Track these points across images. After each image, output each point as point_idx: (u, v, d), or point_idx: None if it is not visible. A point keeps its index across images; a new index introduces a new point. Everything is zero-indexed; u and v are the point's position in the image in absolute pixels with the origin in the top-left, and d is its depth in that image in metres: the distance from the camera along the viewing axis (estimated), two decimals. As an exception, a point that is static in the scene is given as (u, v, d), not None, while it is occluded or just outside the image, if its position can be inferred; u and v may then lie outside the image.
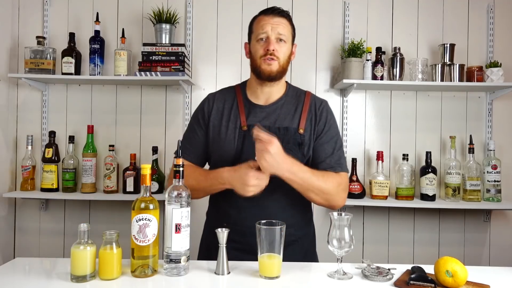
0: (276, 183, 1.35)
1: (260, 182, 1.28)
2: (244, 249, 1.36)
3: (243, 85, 1.56)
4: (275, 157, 1.25)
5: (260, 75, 1.43)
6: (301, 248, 1.47)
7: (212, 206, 1.57)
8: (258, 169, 1.28)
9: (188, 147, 1.50)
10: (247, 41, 1.53)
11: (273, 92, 1.49)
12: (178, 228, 1.16)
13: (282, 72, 1.44)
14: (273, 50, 1.40)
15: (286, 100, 1.50)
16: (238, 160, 1.39)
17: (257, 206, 1.39)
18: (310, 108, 1.49)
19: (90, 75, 2.36)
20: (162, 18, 2.35)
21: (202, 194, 1.46)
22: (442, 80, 2.35)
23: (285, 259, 1.21)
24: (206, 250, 1.53)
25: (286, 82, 1.56)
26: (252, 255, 1.27)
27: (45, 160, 2.35)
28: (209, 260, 1.32)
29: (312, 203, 1.48)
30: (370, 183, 2.36)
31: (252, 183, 1.26)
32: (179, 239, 1.16)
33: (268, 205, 1.40)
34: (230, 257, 1.22)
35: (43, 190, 2.34)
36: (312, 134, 1.46)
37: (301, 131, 1.44)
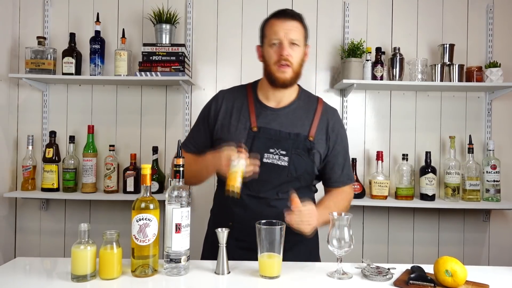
0: (281, 183, 1.36)
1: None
2: (249, 248, 1.34)
3: (254, 85, 1.55)
4: (315, 222, 1.32)
5: (274, 83, 1.43)
6: (306, 248, 1.48)
7: (216, 204, 1.57)
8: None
9: (191, 141, 1.54)
10: (259, 43, 1.52)
11: (285, 96, 1.49)
12: (178, 228, 1.16)
13: (296, 77, 1.44)
14: (287, 55, 1.38)
15: (298, 104, 1.50)
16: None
17: (262, 205, 1.40)
18: (322, 117, 1.49)
19: (90, 75, 2.36)
20: (162, 18, 2.35)
21: (194, 180, 1.47)
22: (441, 80, 2.36)
23: (290, 259, 1.21)
24: (211, 247, 1.52)
25: (298, 85, 1.56)
26: (255, 253, 1.27)
27: (46, 160, 2.35)
28: (210, 260, 1.33)
29: (316, 203, 1.49)
30: (370, 183, 2.36)
31: (224, 162, 1.29)
32: (179, 239, 1.16)
33: (275, 205, 1.40)
34: (235, 256, 1.23)
35: (44, 190, 2.34)
36: (325, 145, 1.47)
37: (311, 138, 1.44)
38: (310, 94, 1.58)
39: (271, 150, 1.40)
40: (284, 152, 1.39)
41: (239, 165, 1.25)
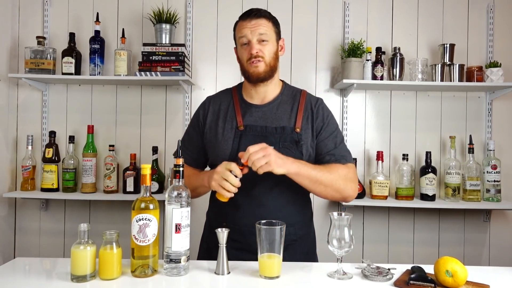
0: (275, 181, 1.35)
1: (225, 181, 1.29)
2: (243, 248, 1.36)
3: (239, 87, 1.58)
4: (276, 155, 1.27)
5: (250, 78, 1.46)
6: (302, 248, 1.47)
7: (211, 206, 1.57)
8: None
9: (185, 150, 1.52)
10: (235, 46, 1.56)
11: (267, 92, 1.50)
12: (178, 228, 1.16)
13: (270, 71, 1.44)
14: (257, 52, 1.41)
15: (282, 99, 1.51)
16: (234, 160, 1.40)
17: (255, 204, 1.40)
18: (306, 107, 1.49)
19: (90, 75, 2.36)
20: (162, 18, 2.35)
21: (193, 194, 1.46)
22: (442, 80, 2.36)
23: (285, 259, 1.21)
24: (206, 249, 1.53)
25: (283, 81, 1.57)
26: (251, 254, 1.27)
27: (45, 160, 2.35)
28: (209, 260, 1.33)
29: (312, 202, 1.48)
30: (370, 183, 2.36)
31: (215, 177, 1.30)
32: (179, 239, 1.16)
33: (267, 204, 1.40)
34: (229, 257, 1.22)
35: (43, 190, 2.34)
36: (311, 132, 1.46)
37: (298, 130, 1.44)
38: (295, 88, 1.58)
39: None
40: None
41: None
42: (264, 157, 1.24)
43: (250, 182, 1.37)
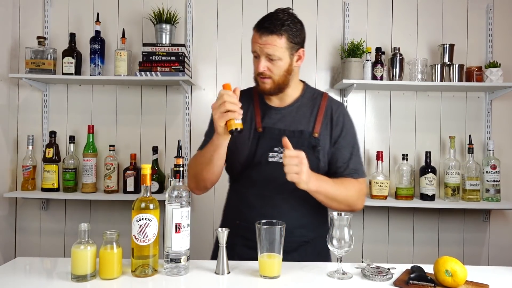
0: (287, 182, 1.35)
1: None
2: (254, 247, 1.33)
3: None
4: (307, 171, 1.25)
5: (259, 91, 1.44)
6: (314, 250, 1.45)
7: (227, 204, 1.58)
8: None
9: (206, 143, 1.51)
10: None
11: (287, 95, 1.47)
12: (178, 228, 1.16)
13: (278, 88, 1.41)
14: (263, 70, 1.37)
15: (302, 102, 1.49)
16: (252, 160, 1.42)
17: (268, 204, 1.40)
18: (326, 112, 1.47)
19: (90, 75, 2.36)
20: (162, 18, 2.35)
21: (207, 172, 1.40)
22: (441, 80, 2.36)
23: (295, 259, 1.21)
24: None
25: (304, 82, 1.54)
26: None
27: (46, 160, 2.35)
28: (210, 260, 1.33)
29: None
30: (370, 183, 2.36)
31: (213, 111, 1.26)
32: (179, 239, 1.16)
33: (280, 204, 1.40)
34: (242, 254, 1.22)
35: (44, 190, 2.34)
36: (329, 139, 1.45)
37: (316, 134, 1.43)
38: (316, 90, 1.56)
39: (275, 149, 1.41)
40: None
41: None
42: (297, 166, 1.23)
43: (264, 183, 1.40)
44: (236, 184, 1.53)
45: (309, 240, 1.44)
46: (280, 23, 1.35)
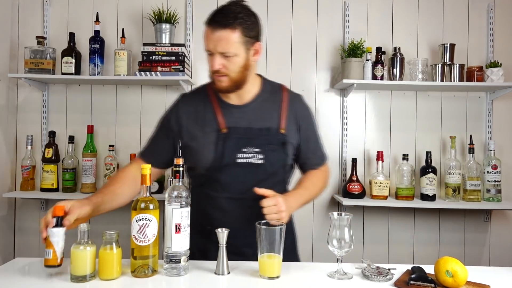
0: (259, 181, 1.35)
1: None
2: (232, 251, 1.26)
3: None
4: (288, 209, 1.28)
5: (217, 89, 1.40)
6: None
7: (194, 208, 1.52)
8: None
9: (150, 151, 1.47)
10: None
11: (244, 92, 1.42)
12: (178, 228, 1.16)
13: (235, 85, 1.36)
14: (219, 68, 1.32)
15: (263, 97, 1.45)
16: (219, 162, 1.36)
17: (241, 207, 1.37)
18: (289, 107, 1.45)
19: (90, 75, 2.35)
20: (162, 18, 2.35)
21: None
22: (442, 80, 2.35)
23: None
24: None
25: (261, 76, 1.49)
26: (238, 256, 1.28)
27: (45, 160, 2.35)
28: (207, 260, 1.32)
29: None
30: (370, 183, 2.36)
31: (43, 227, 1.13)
32: (179, 239, 1.16)
33: (253, 205, 1.31)
34: (213, 259, 1.21)
35: (43, 190, 2.34)
36: (296, 133, 1.45)
37: (283, 131, 1.41)
38: (273, 83, 1.51)
39: (244, 149, 1.36)
40: (258, 150, 1.35)
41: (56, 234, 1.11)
42: (277, 214, 1.25)
43: (235, 185, 1.38)
44: (202, 187, 1.43)
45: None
46: (233, 16, 1.30)
